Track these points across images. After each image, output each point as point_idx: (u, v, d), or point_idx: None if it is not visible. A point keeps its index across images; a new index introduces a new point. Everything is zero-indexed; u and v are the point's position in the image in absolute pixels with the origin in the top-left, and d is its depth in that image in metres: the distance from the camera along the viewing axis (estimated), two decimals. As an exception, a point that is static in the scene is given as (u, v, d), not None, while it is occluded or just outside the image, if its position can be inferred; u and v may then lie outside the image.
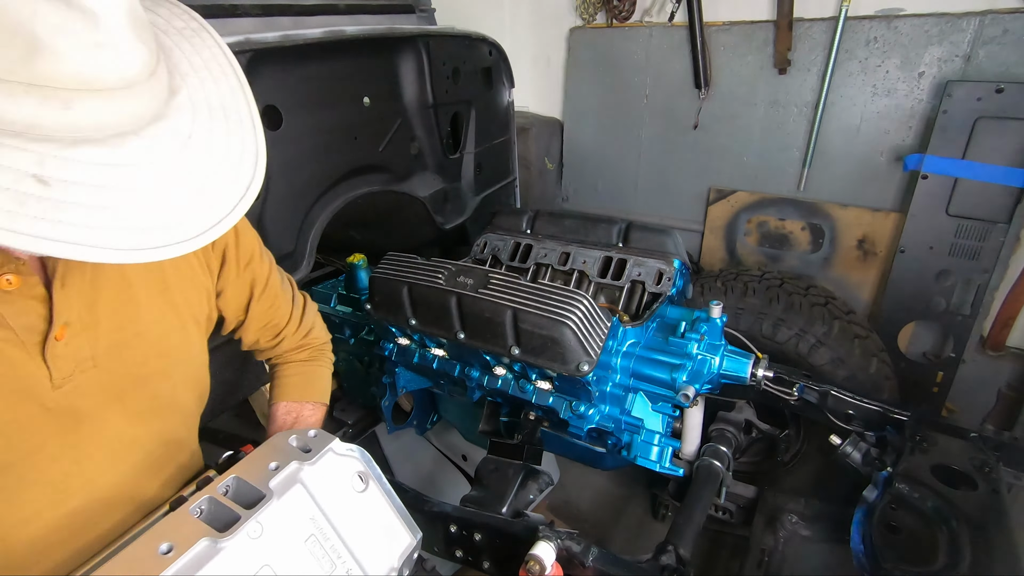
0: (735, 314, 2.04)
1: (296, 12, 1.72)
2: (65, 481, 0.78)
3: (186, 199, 0.59)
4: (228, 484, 0.78)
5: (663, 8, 2.76)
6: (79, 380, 0.75)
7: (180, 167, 0.59)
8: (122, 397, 0.82)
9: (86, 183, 0.51)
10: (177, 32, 0.69)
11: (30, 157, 0.49)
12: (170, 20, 0.70)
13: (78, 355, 0.75)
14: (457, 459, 2.34)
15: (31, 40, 0.48)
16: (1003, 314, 2.34)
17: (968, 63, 2.20)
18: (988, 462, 1.32)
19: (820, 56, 2.46)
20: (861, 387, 1.86)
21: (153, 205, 0.55)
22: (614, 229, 1.76)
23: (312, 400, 1.20)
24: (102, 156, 0.53)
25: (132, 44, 0.54)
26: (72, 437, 0.76)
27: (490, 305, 1.36)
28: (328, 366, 1.27)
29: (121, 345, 0.81)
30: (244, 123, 0.67)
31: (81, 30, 0.50)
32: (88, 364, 0.76)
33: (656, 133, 3.02)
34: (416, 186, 2.04)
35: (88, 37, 0.50)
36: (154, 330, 0.85)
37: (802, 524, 1.59)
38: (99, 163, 0.52)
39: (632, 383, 1.47)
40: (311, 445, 0.86)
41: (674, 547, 1.24)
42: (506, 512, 1.46)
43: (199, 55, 0.68)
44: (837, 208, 2.60)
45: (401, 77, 1.91)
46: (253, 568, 0.71)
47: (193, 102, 0.63)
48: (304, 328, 1.22)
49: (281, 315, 1.16)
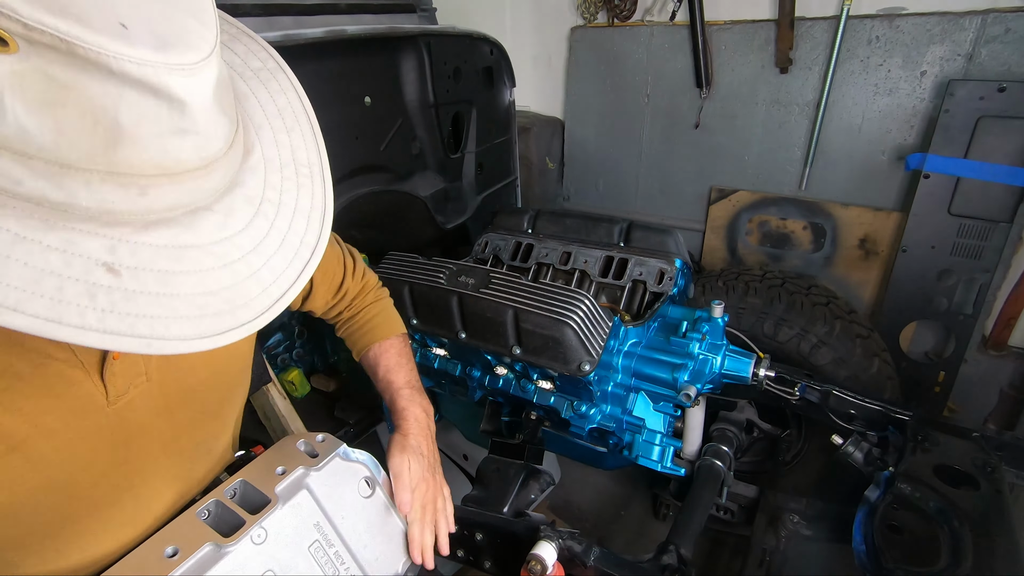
0: (736, 314, 2.04)
1: (297, 11, 1.72)
2: (115, 496, 0.77)
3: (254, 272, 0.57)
4: (235, 487, 0.79)
5: (664, 7, 2.75)
6: (132, 395, 0.75)
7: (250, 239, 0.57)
8: (171, 408, 0.81)
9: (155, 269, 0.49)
10: (253, 74, 0.67)
11: (102, 243, 0.47)
12: (247, 60, 0.68)
13: (132, 371, 0.74)
14: (458, 459, 2.34)
15: (113, 128, 0.45)
16: (1005, 314, 2.33)
17: (970, 62, 2.19)
18: (990, 462, 1.32)
19: (822, 55, 2.45)
20: (863, 387, 1.86)
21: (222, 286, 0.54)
22: (615, 228, 1.76)
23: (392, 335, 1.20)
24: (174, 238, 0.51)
25: (216, 125, 0.52)
26: (122, 452, 0.76)
27: (491, 305, 1.36)
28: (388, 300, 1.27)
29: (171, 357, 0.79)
30: (315, 176, 0.66)
31: (167, 117, 0.47)
32: (141, 379, 0.75)
33: (657, 132, 3.02)
34: (417, 185, 2.04)
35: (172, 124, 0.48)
36: None
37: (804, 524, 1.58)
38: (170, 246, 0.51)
39: (633, 383, 1.47)
40: (319, 450, 0.86)
41: (675, 547, 1.24)
42: (507, 512, 1.46)
43: (274, 102, 0.67)
44: (839, 207, 2.60)
45: (402, 76, 1.91)
46: (256, 573, 0.71)
47: (266, 159, 0.62)
48: (359, 273, 1.21)
49: (335, 268, 1.15)
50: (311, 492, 0.80)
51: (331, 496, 0.83)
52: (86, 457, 0.71)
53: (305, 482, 0.80)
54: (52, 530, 0.72)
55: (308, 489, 0.80)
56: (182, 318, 0.50)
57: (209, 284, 0.53)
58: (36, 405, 0.65)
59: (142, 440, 0.78)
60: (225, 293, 0.54)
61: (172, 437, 0.83)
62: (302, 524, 0.78)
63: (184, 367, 0.81)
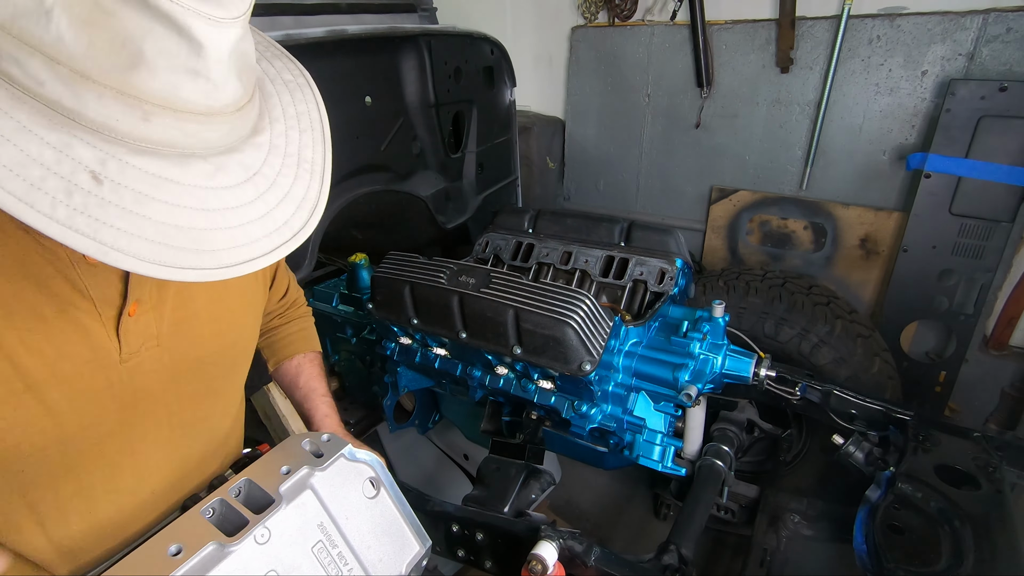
0: (737, 313, 2.04)
1: (298, 11, 1.72)
2: (118, 459, 0.79)
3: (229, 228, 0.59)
4: (240, 486, 0.79)
5: (665, 7, 2.75)
6: (143, 357, 0.78)
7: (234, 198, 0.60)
8: (177, 379, 0.84)
9: (135, 189, 0.52)
10: (283, 84, 0.73)
11: (95, 154, 0.51)
12: (281, 72, 0.74)
13: (145, 332, 0.77)
14: (459, 458, 2.34)
15: (136, 54, 0.50)
16: (1006, 313, 2.33)
17: (971, 61, 2.19)
18: (991, 462, 1.32)
19: (822, 55, 2.45)
20: (864, 387, 1.86)
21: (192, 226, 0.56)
22: (616, 228, 1.76)
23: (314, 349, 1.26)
24: (161, 169, 0.54)
25: (226, 79, 0.56)
26: (129, 414, 0.78)
27: (492, 304, 1.36)
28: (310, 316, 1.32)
29: (182, 324, 0.83)
30: (315, 173, 0.69)
31: (184, 55, 0.52)
32: (152, 343, 0.79)
33: (658, 132, 3.02)
34: (418, 185, 2.04)
35: (187, 63, 0.53)
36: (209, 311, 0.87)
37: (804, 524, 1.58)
38: (156, 175, 0.54)
39: (634, 383, 1.47)
40: (323, 450, 0.86)
41: (676, 547, 1.24)
42: (508, 512, 1.46)
43: (295, 107, 0.71)
44: (839, 207, 2.60)
45: (403, 76, 1.91)
46: (260, 573, 0.71)
47: (272, 145, 0.66)
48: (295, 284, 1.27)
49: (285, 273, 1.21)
50: (315, 492, 0.80)
51: (335, 496, 0.83)
52: (94, 412, 0.74)
53: (309, 482, 0.80)
54: (56, 482, 0.74)
55: (312, 489, 0.80)
56: (145, 240, 0.52)
57: (180, 219, 0.55)
58: (56, 350, 0.69)
59: (148, 404, 0.81)
60: (193, 233, 0.56)
61: (176, 407, 0.85)
62: (306, 524, 0.78)
63: (193, 336, 0.85)
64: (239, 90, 0.59)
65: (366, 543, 0.85)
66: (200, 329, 0.86)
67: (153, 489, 0.85)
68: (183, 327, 0.83)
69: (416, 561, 0.92)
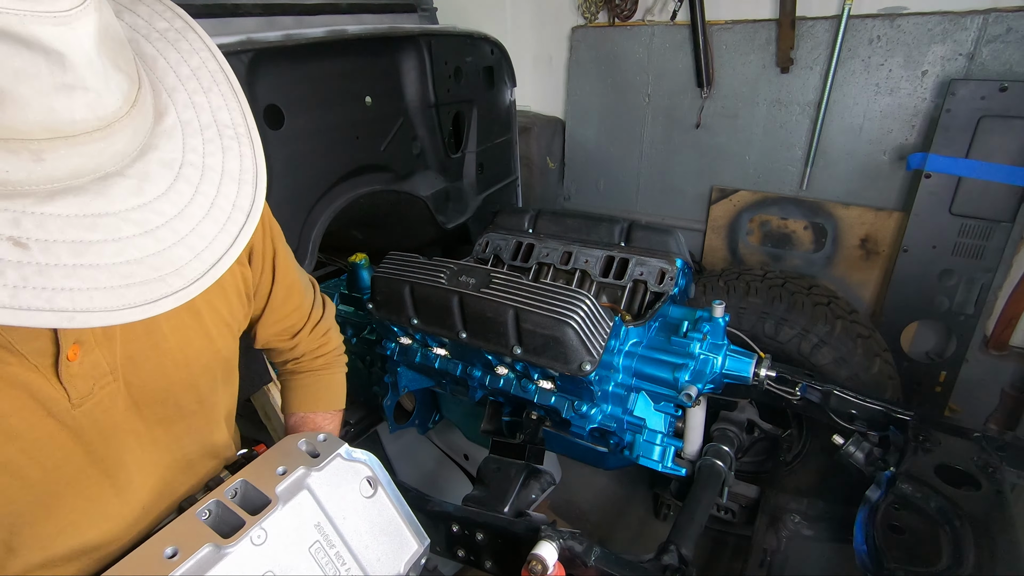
0: (737, 313, 2.04)
1: (298, 11, 1.72)
2: (98, 491, 0.75)
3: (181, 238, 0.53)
4: (236, 487, 0.79)
5: (665, 7, 2.75)
6: (100, 396, 0.72)
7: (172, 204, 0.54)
8: (141, 409, 0.79)
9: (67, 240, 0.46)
10: (160, 35, 0.62)
11: (3, 217, 0.44)
12: (152, 21, 0.63)
13: (94, 372, 0.71)
14: (459, 458, 2.34)
15: None
16: (1006, 314, 2.33)
17: (972, 61, 2.19)
18: (991, 462, 1.31)
19: (823, 55, 2.45)
20: (864, 387, 1.86)
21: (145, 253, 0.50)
22: (616, 228, 1.76)
23: (330, 409, 1.16)
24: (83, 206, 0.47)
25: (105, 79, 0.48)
26: (100, 450, 0.74)
27: (492, 304, 1.36)
28: (342, 370, 1.21)
29: (138, 357, 0.77)
30: (241, 137, 0.62)
31: (46, 72, 0.43)
32: (107, 380, 0.73)
33: (658, 132, 3.02)
34: (418, 185, 2.04)
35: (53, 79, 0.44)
36: (172, 340, 0.80)
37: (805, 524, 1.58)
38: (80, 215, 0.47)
39: (634, 383, 1.47)
40: (320, 450, 0.86)
41: (676, 547, 1.24)
42: (508, 512, 1.46)
43: (187, 63, 0.62)
44: (840, 207, 2.60)
45: (403, 76, 1.91)
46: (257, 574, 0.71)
47: (183, 123, 0.58)
48: (320, 331, 1.15)
49: (300, 315, 1.10)
50: (312, 492, 0.80)
51: (332, 496, 0.82)
52: (58, 456, 0.69)
53: (306, 482, 0.80)
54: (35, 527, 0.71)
55: (309, 489, 0.80)
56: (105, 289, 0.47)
57: (130, 252, 0.50)
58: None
59: (118, 436, 0.76)
60: (151, 260, 0.51)
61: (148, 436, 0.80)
62: (303, 525, 0.78)
63: (153, 367, 0.78)
64: (124, 83, 0.51)
65: (364, 542, 0.84)
66: (161, 359, 0.79)
67: (144, 505, 0.82)
68: (139, 359, 0.76)
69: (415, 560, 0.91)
